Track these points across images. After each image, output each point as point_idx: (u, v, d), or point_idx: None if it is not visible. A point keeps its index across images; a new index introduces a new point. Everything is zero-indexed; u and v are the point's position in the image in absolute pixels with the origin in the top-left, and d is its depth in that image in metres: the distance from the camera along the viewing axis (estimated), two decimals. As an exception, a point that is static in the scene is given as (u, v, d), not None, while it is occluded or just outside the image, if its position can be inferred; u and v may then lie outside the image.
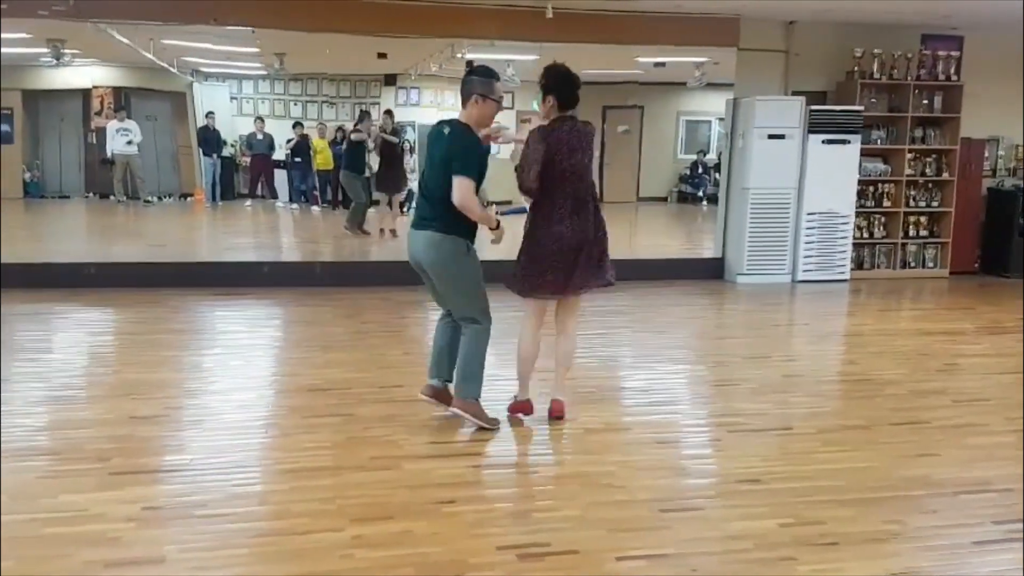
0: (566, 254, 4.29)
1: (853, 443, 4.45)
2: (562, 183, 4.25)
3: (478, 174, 4.18)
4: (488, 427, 4.40)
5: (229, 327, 7.17)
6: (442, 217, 4.20)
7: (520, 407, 4.59)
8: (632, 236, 13.80)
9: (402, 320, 7.45)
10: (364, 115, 12.47)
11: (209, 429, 4.48)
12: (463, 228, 4.21)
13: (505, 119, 19.54)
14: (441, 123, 4.36)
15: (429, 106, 17.01)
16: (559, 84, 4.31)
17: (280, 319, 7.44)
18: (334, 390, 5.01)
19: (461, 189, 4.09)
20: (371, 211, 12.06)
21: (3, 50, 11.99)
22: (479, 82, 4.23)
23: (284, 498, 3.65)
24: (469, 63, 4.58)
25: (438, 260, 4.27)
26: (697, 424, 4.90)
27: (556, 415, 4.56)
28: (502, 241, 4.30)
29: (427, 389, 4.57)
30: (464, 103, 4.28)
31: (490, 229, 4.24)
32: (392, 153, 11.82)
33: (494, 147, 16.61)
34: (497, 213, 4.62)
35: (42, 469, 3.86)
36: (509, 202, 15.26)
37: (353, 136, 11.93)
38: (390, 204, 11.84)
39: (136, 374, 5.42)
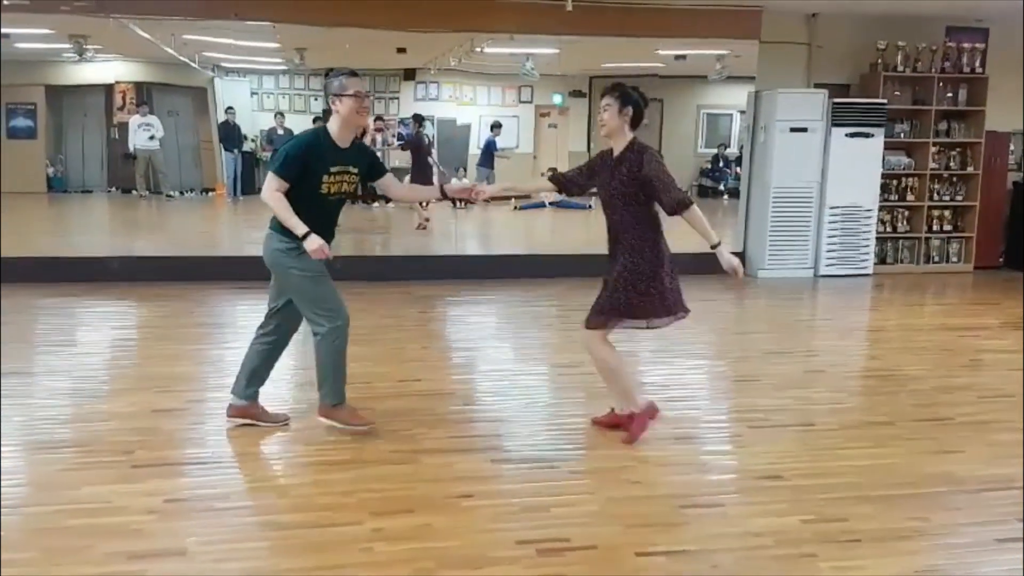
0: None
1: (876, 439, 4.41)
2: None
3: (295, 175, 3.94)
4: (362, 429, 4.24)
5: (250, 320, 7.10)
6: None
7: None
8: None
9: (421, 314, 7.46)
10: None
11: (230, 422, 4.50)
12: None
13: (523, 113, 19.56)
14: None
15: (448, 100, 17.03)
16: (641, 104, 4.07)
17: (300, 313, 7.46)
18: (353, 384, 4.99)
19: (266, 184, 4.00)
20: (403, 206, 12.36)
21: (26, 46, 12.15)
22: (332, 84, 4.05)
23: (305, 491, 3.67)
24: (327, 71, 4.37)
25: (266, 257, 4.14)
26: (718, 420, 4.87)
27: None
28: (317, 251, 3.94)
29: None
30: (330, 109, 4.11)
31: (302, 238, 3.91)
32: (419, 149, 12.20)
33: (513, 142, 16.47)
34: (518, 208, 4.61)
35: (65, 461, 3.90)
36: (528, 197, 15.28)
37: None
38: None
39: (159, 367, 5.46)
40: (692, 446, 4.38)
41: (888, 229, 9.46)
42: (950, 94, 9.35)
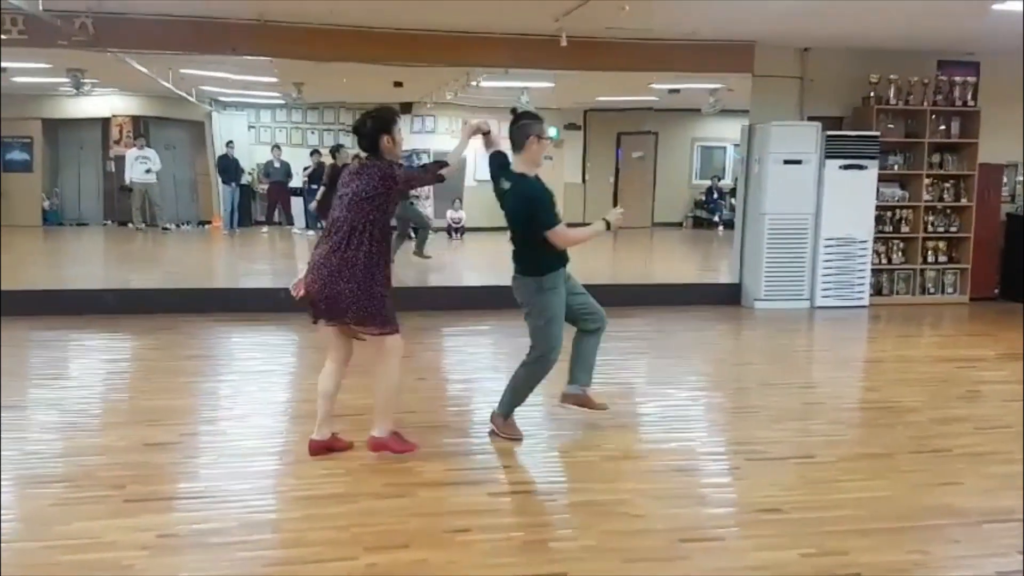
0: None
1: (874, 472, 4.38)
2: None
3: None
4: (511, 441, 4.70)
5: (245, 353, 7.18)
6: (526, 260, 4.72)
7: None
8: (647, 261, 13.77)
9: (416, 346, 7.41)
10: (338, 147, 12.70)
11: (224, 456, 4.47)
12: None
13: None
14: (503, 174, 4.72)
15: (444, 133, 17.13)
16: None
17: (295, 345, 7.43)
18: (348, 416, 4.98)
19: (556, 236, 4.51)
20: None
21: (24, 80, 12.21)
22: (533, 126, 4.61)
23: (298, 526, 3.62)
24: (513, 110, 5.00)
25: (526, 297, 4.76)
26: (715, 452, 4.84)
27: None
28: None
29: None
30: (520, 147, 4.66)
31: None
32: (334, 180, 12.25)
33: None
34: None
35: (56, 496, 3.86)
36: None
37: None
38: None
39: (152, 401, 5.43)
40: (691, 478, 4.35)
41: (883, 260, 9.49)
42: (943, 127, 9.42)
